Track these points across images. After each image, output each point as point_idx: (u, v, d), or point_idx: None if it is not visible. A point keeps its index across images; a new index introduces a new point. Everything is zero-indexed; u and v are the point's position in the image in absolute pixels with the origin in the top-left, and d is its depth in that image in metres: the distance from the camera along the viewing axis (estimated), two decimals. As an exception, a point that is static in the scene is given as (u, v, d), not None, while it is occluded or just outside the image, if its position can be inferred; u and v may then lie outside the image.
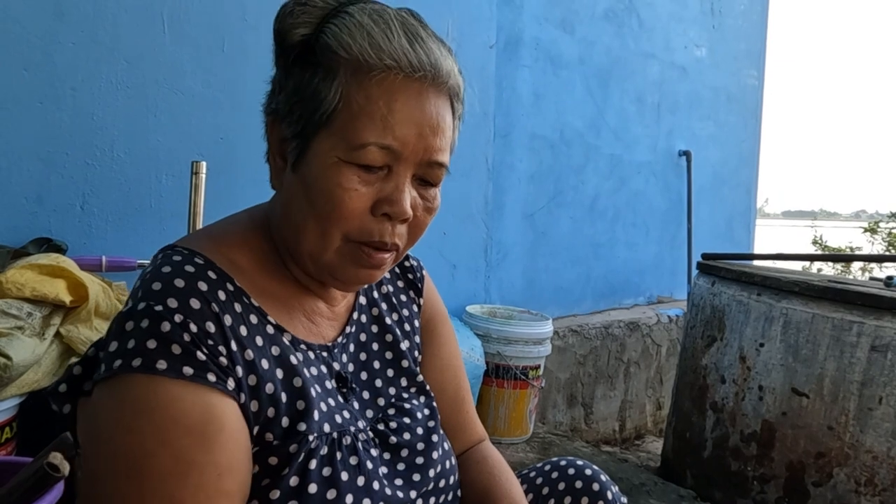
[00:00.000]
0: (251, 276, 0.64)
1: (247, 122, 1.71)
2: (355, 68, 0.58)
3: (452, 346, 0.87)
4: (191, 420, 0.52)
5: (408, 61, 0.58)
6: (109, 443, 0.53)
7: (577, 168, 2.84)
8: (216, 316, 0.57)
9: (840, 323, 1.73)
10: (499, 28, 2.44)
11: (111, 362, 0.54)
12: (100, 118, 1.52)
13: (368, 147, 0.58)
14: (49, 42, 1.43)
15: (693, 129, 3.46)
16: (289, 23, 0.61)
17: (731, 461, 1.95)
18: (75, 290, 1.22)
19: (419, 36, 0.60)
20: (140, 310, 0.55)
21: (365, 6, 0.61)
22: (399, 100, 0.58)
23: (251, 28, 1.74)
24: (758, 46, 3.94)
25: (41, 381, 1.14)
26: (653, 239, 3.28)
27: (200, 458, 0.52)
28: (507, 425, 2.11)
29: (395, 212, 0.60)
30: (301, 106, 0.60)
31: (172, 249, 0.63)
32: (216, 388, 0.54)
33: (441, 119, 0.61)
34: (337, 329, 0.72)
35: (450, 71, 0.62)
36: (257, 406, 0.58)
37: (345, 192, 0.58)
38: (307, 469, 0.59)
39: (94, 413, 0.55)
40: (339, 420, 0.65)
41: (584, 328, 2.70)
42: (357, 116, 0.58)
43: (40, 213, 1.45)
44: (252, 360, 0.58)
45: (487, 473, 0.80)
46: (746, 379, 1.93)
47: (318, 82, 0.59)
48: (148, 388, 0.52)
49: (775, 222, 47.61)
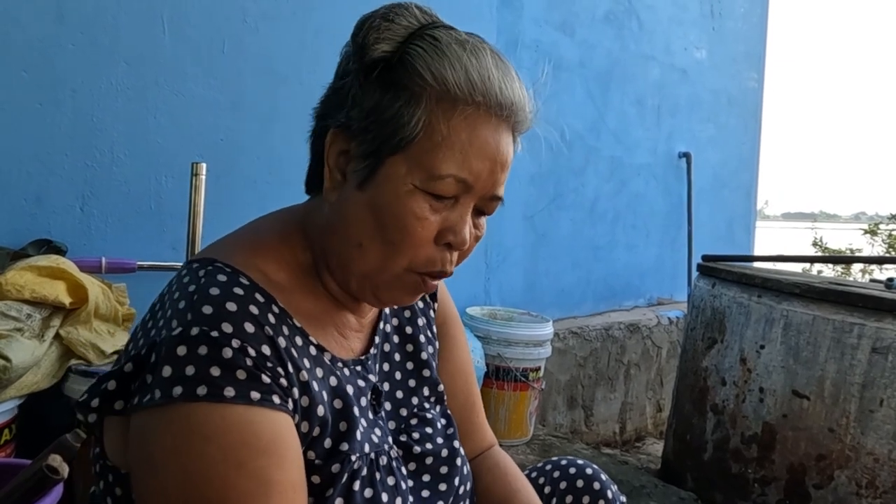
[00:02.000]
0: (290, 295, 0.63)
1: (247, 124, 1.71)
2: (441, 97, 0.58)
3: (465, 351, 0.86)
4: (263, 441, 0.52)
5: (497, 101, 0.59)
6: (181, 474, 0.51)
7: (577, 170, 2.85)
8: (270, 339, 0.56)
9: (841, 325, 1.73)
10: (499, 30, 2.44)
11: (169, 389, 0.51)
12: (100, 120, 1.52)
13: (447, 178, 0.58)
14: (49, 44, 1.44)
15: (693, 131, 3.46)
16: (373, 37, 0.59)
17: (731, 463, 1.95)
18: (75, 291, 1.22)
19: (510, 76, 0.61)
20: (194, 336, 0.53)
21: (454, 34, 0.61)
22: (480, 136, 0.59)
23: (251, 30, 1.74)
24: (758, 49, 3.94)
25: (40, 383, 1.13)
26: (653, 241, 3.27)
27: (278, 477, 0.52)
28: (507, 427, 2.10)
29: (458, 242, 0.61)
30: (378, 126, 0.59)
31: (213, 265, 0.60)
32: (281, 410, 0.55)
33: (509, 155, 0.63)
34: (364, 341, 0.72)
35: (529, 114, 0.64)
36: (307, 427, 0.59)
37: (418, 221, 0.59)
38: (351, 490, 0.59)
39: (152, 440, 0.53)
40: (375, 440, 0.65)
41: (584, 330, 2.70)
42: (439, 147, 0.58)
43: (40, 214, 1.45)
44: (306, 381, 0.59)
45: (503, 482, 0.80)
46: (747, 381, 1.92)
47: (399, 106, 0.58)
48: (218, 415, 0.51)
49: (775, 224, 47.62)
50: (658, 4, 3.15)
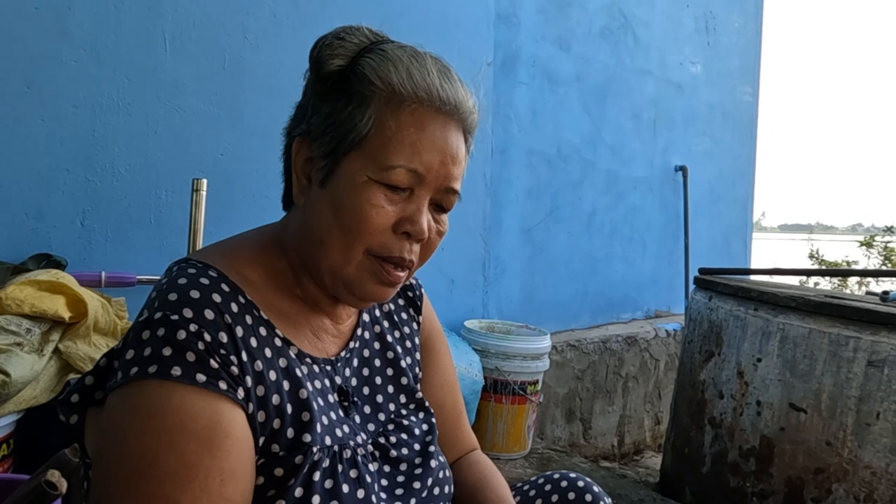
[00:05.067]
0: (261, 291, 0.67)
1: (247, 140, 1.73)
2: (389, 97, 0.64)
3: (449, 363, 0.90)
4: (199, 425, 0.54)
5: (438, 96, 0.65)
6: (121, 445, 0.55)
7: (574, 184, 2.87)
8: (228, 327, 0.59)
9: (837, 338, 1.74)
10: (496, 46, 2.47)
11: (128, 369, 0.56)
12: (101, 135, 1.53)
13: (398, 168, 0.63)
14: (51, 60, 1.45)
15: (689, 144, 3.49)
16: (327, 53, 0.66)
17: (729, 477, 1.95)
18: (74, 305, 1.23)
19: (449, 76, 0.67)
20: (157, 319, 0.57)
21: (398, 45, 0.67)
22: (427, 129, 0.64)
23: (251, 47, 1.76)
24: (752, 63, 3.99)
25: (39, 398, 1.13)
26: (650, 254, 3.29)
27: (205, 463, 0.54)
28: (505, 441, 2.10)
29: (415, 230, 0.65)
30: (334, 129, 0.65)
31: (187, 262, 0.65)
32: (226, 396, 0.57)
33: (459, 150, 0.67)
34: (340, 345, 0.75)
35: (471, 109, 0.69)
36: (264, 417, 0.60)
37: (372, 209, 0.63)
38: (311, 481, 0.61)
39: (107, 418, 0.57)
40: (339, 434, 0.67)
41: (582, 343, 2.70)
42: (389, 141, 0.63)
43: (40, 228, 1.46)
44: (261, 370, 0.61)
45: (478, 473, 0.85)
46: (744, 394, 1.93)
47: (352, 108, 0.64)
48: (162, 392, 0.55)
49: (772, 236, 47.67)
50: (653, 20, 3.19)
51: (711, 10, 3.58)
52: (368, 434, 0.72)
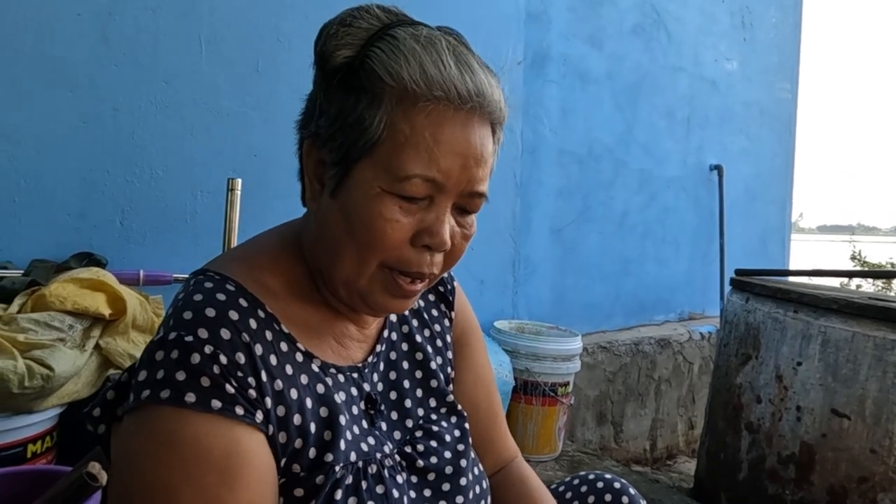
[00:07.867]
0: (282, 300, 0.63)
1: (280, 140, 1.75)
2: (401, 96, 0.57)
3: (484, 359, 0.85)
4: (214, 455, 0.52)
5: (457, 93, 0.57)
6: (136, 474, 0.52)
7: (605, 183, 2.83)
8: (247, 346, 0.56)
9: (882, 342, 1.67)
10: (527, 45, 2.45)
11: (140, 392, 0.53)
12: (139, 137, 1.57)
13: (413, 179, 0.56)
14: (93, 64, 1.50)
15: (724, 143, 3.40)
16: (332, 44, 0.59)
17: (767, 484, 1.89)
18: (114, 303, 1.26)
19: (469, 66, 0.58)
20: (171, 340, 0.54)
21: (412, 30, 0.59)
22: (446, 132, 0.57)
23: (285, 49, 1.79)
24: (791, 59, 3.87)
25: (81, 392, 1.17)
26: (684, 255, 3.22)
27: (224, 496, 0.52)
28: (535, 443, 2.08)
29: (436, 243, 0.59)
30: (343, 133, 0.58)
31: (204, 275, 0.62)
32: (243, 422, 0.54)
33: (484, 149, 0.60)
34: (366, 350, 0.71)
35: (497, 101, 0.60)
36: (285, 438, 0.58)
37: (386, 223, 0.57)
38: (332, 500, 0.58)
39: (122, 442, 0.56)
40: (364, 448, 0.64)
41: (613, 345, 2.66)
42: (402, 147, 0.56)
43: (82, 228, 1.50)
44: (281, 390, 0.58)
45: (528, 497, 0.79)
46: (783, 399, 1.87)
47: (362, 109, 0.57)
48: (176, 421, 0.52)
49: (811, 237, 46.29)
50: (687, 16, 3.13)
51: (748, 5, 3.48)
52: (395, 443, 0.68)
